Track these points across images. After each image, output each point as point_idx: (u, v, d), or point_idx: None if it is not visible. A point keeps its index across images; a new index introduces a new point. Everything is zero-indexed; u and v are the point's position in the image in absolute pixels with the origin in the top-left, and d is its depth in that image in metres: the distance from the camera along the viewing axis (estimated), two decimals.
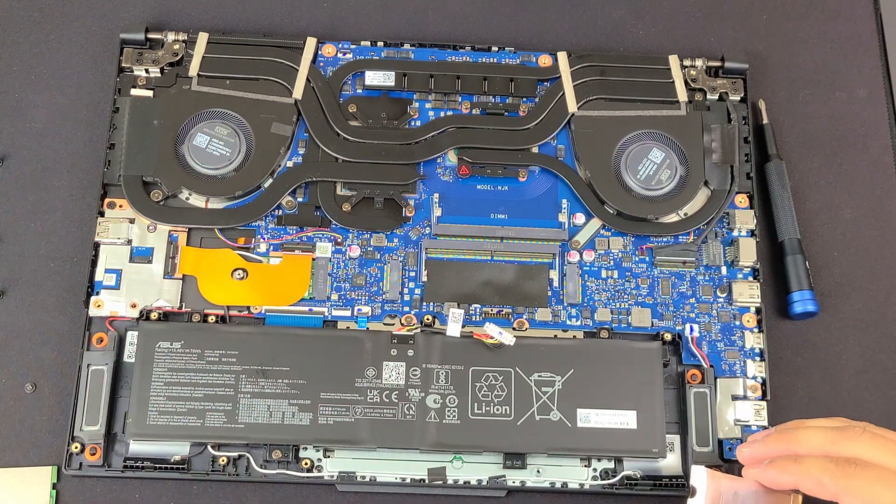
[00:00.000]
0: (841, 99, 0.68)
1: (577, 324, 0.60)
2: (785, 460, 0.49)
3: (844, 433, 0.48)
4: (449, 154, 0.63)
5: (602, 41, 0.69)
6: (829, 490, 0.47)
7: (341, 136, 0.63)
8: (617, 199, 0.62)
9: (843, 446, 0.47)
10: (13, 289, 0.61)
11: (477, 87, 0.64)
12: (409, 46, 0.66)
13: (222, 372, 0.56)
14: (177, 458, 0.56)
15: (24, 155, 0.64)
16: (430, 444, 0.56)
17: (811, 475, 0.47)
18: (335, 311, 0.59)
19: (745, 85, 0.65)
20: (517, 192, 0.63)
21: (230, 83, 0.63)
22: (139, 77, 0.64)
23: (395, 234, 0.61)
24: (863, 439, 0.47)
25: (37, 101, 0.65)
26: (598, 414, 0.56)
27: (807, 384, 0.61)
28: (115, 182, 0.61)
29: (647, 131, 0.63)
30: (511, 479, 0.56)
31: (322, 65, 0.65)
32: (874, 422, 0.59)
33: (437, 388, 0.57)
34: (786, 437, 0.50)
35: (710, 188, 0.63)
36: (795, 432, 0.50)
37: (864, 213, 0.65)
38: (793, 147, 0.66)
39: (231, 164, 0.61)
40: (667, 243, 0.62)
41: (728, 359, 0.59)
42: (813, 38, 0.69)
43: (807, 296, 0.61)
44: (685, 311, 0.60)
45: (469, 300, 0.60)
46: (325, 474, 0.56)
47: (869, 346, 0.62)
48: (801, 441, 0.49)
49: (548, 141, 0.64)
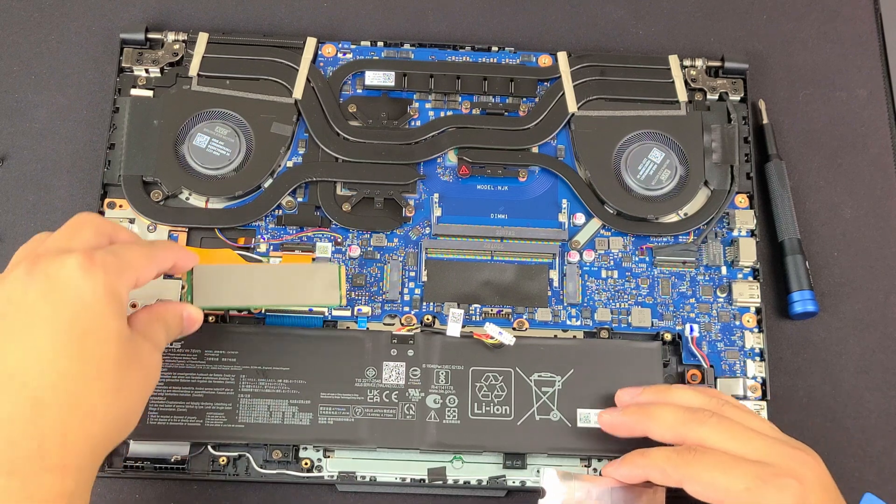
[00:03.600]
0: (841, 99, 0.68)
1: (577, 324, 0.60)
2: (633, 455, 0.51)
3: (694, 415, 0.50)
4: (449, 154, 0.63)
5: (602, 41, 0.69)
6: (672, 478, 0.49)
7: (341, 136, 0.63)
8: (617, 199, 0.62)
9: (689, 428, 0.50)
10: None
11: (477, 87, 0.64)
12: (409, 46, 0.66)
13: (222, 372, 0.56)
14: (177, 458, 0.56)
15: (24, 155, 0.64)
16: (430, 444, 0.56)
17: (656, 466, 0.50)
18: (335, 312, 0.59)
19: (745, 85, 0.65)
20: (517, 192, 0.63)
21: (230, 83, 0.63)
22: (139, 77, 0.64)
23: (395, 234, 0.61)
24: (709, 423, 0.50)
25: (37, 101, 0.65)
26: (598, 414, 0.56)
27: (807, 384, 0.61)
28: (115, 182, 0.61)
29: (647, 131, 0.63)
30: (511, 479, 0.56)
31: (322, 65, 0.65)
32: (874, 422, 0.60)
33: (437, 388, 0.57)
34: (641, 412, 0.53)
35: (710, 188, 0.63)
36: (651, 408, 0.52)
37: (864, 213, 0.65)
38: (793, 147, 0.66)
39: (231, 164, 0.61)
40: (667, 243, 0.62)
41: (728, 359, 0.59)
42: (813, 38, 0.69)
43: (807, 296, 0.61)
44: (685, 311, 0.60)
45: (469, 300, 0.60)
46: (325, 474, 0.56)
47: (869, 346, 0.62)
48: (654, 416, 0.52)
49: (548, 141, 0.64)
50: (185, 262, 0.53)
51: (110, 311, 0.45)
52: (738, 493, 0.47)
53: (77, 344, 0.44)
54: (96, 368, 0.45)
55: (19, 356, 0.44)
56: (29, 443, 0.43)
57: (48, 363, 0.44)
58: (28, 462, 0.42)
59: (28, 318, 0.44)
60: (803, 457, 0.48)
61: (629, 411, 0.54)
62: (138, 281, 0.48)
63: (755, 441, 0.49)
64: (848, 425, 0.60)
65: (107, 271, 0.46)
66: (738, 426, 0.50)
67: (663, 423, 0.51)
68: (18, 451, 0.42)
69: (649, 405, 0.53)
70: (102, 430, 0.45)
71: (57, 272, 0.45)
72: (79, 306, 0.45)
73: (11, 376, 0.43)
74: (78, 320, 0.44)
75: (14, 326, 0.44)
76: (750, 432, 0.50)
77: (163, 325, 0.50)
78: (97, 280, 0.45)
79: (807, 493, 0.47)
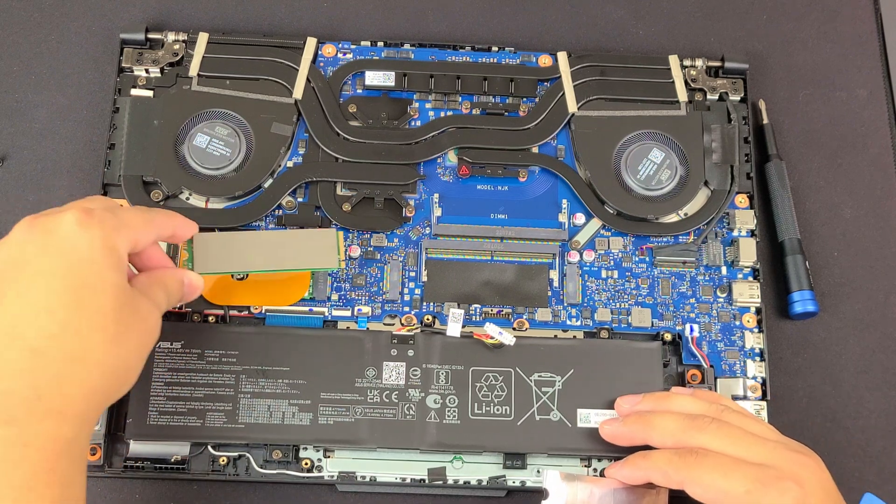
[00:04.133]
0: (841, 99, 0.68)
1: (577, 324, 0.60)
2: (635, 457, 0.52)
3: (694, 423, 0.51)
4: (449, 154, 0.63)
5: (602, 41, 0.69)
6: (674, 480, 0.50)
7: (341, 136, 0.63)
8: (617, 199, 0.62)
9: (689, 436, 0.51)
10: None
11: (477, 87, 0.64)
12: (409, 46, 0.66)
13: (222, 372, 0.56)
14: (177, 458, 0.56)
15: (24, 155, 0.64)
16: (430, 444, 0.56)
17: (658, 468, 0.50)
18: (335, 312, 0.59)
19: (745, 85, 0.65)
20: (517, 192, 0.63)
21: (230, 83, 0.63)
22: (139, 77, 0.64)
23: (395, 234, 0.61)
24: (709, 430, 0.50)
25: (37, 101, 0.65)
26: (598, 414, 0.56)
27: (807, 384, 0.61)
28: (115, 182, 0.61)
29: (647, 131, 0.63)
30: (511, 479, 0.56)
31: (322, 65, 0.65)
32: (874, 422, 0.60)
33: (437, 388, 0.57)
34: (642, 421, 0.53)
35: (710, 188, 0.63)
36: (651, 417, 0.53)
37: (864, 213, 0.65)
38: (793, 147, 0.66)
39: (231, 165, 0.61)
40: (667, 243, 0.62)
41: (728, 359, 0.59)
42: (813, 38, 0.69)
43: (807, 296, 0.61)
44: (685, 312, 0.60)
45: (469, 300, 0.60)
46: (325, 474, 0.56)
47: (869, 346, 0.62)
48: (655, 426, 0.52)
49: (548, 141, 0.64)
50: (185, 231, 0.54)
51: (107, 264, 0.46)
52: (738, 496, 0.47)
53: (74, 295, 0.45)
54: (94, 319, 0.45)
55: (18, 308, 0.44)
56: (27, 392, 0.43)
57: (46, 314, 0.44)
58: (26, 411, 0.43)
59: (27, 272, 0.45)
60: (804, 460, 0.48)
61: (629, 421, 0.54)
62: (137, 242, 0.49)
63: (755, 445, 0.49)
64: (848, 425, 0.60)
65: (103, 226, 0.47)
66: (738, 431, 0.50)
67: (664, 431, 0.52)
68: (16, 400, 0.43)
69: (649, 414, 0.53)
70: (101, 380, 0.46)
71: (55, 227, 0.46)
72: (75, 259, 0.46)
73: (10, 328, 0.44)
74: (75, 273, 0.45)
75: (13, 280, 0.45)
76: (750, 436, 0.50)
77: (163, 287, 0.51)
78: (94, 234, 0.46)
79: (807, 496, 0.47)
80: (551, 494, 0.52)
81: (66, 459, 0.44)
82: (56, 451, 0.43)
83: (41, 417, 0.43)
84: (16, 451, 0.42)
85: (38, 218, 0.47)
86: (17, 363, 0.44)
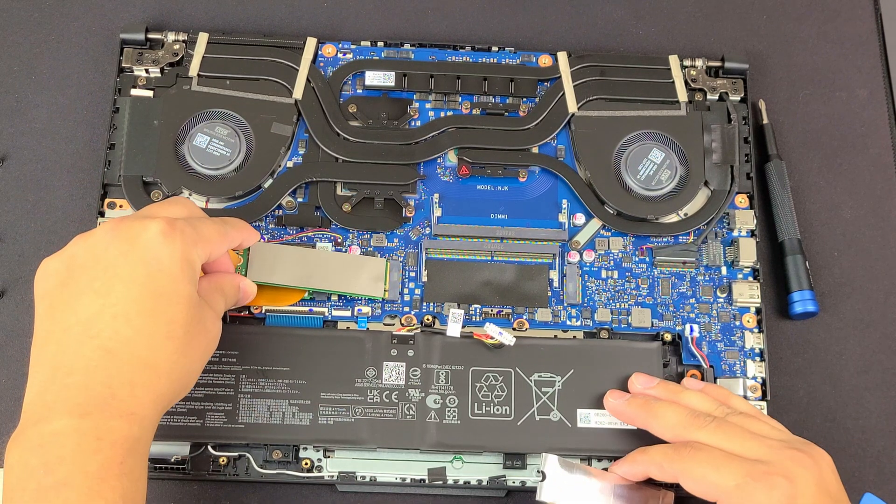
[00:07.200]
0: (841, 99, 0.68)
1: (577, 324, 0.60)
2: (635, 452, 0.53)
3: (695, 420, 0.52)
4: (449, 154, 0.63)
5: (602, 41, 0.69)
6: (669, 473, 0.50)
7: (341, 136, 0.63)
8: (617, 199, 0.62)
9: (687, 432, 0.51)
10: (13, 289, 0.61)
11: (477, 87, 0.64)
12: (409, 46, 0.66)
13: (222, 372, 0.56)
14: (177, 458, 0.56)
15: (24, 155, 0.64)
16: (430, 445, 0.56)
17: (655, 461, 0.51)
18: (335, 312, 0.59)
19: (745, 85, 0.65)
20: (517, 193, 0.63)
21: (230, 83, 0.63)
22: (139, 77, 0.64)
23: (395, 234, 0.61)
24: (707, 429, 0.51)
25: (37, 101, 0.65)
26: (598, 414, 0.56)
27: (807, 384, 0.61)
28: (115, 182, 0.61)
29: (647, 131, 0.63)
30: (511, 479, 0.56)
31: (322, 65, 0.65)
32: (874, 422, 0.60)
33: (437, 388, 0.57)
34: (647, 406, 0.54)
35: (710, 188, 0.63)
36: (656, 405, 0.54)
37: (864, 213, 0.65)
38: (793, 147, 0.66)
39: (231, 165, 0.61)
40: (667, 243, 0.62)
41: (728, 359, 0.59)
42: (813, 38, 0.69)
43: (807, 296, 0.61)
44: (685, 312, 0.60)
45: (469, 300, 0.60)
46: (325, 474, 0.56)
47: (869, 346, 0.62)
48: (658, 416, 0.53)
49: (548, 141, 0.64)
50: (250, 241, 0.56)
51: (184, 277, 0.48)
52: (728, 490, 0.48)
53: (151, 304, 0.47)
54: (167, 329, 0.47)
55: (96, 308, 0.46)
56: (102, 389, 0.45)
57: (123, 318, 0.46)
58: (100, 406, 0.45)
59: (107, 273, 0.47)
60: (801, 458, 0.48)
61: (635, 403, 0.54)
62: (211, 254, 0.51)
63: (751, 442, 0.50)
64: (848, 425, 0.60)
65: (185, 240, 0.48)
66: (737, 429, 0.50)
67: (665, 422, 0.52)
68: (92, 395, 0.45)
69: (656, 401, 0.54)
70: (167, 386, 0.48)
71: (139, 234, 0.48)
72: (156, 268, 0.47)
73: (87, 325, 0.46)
74: (154, 282, 0.47)
75: (93, 279, 0.47)
76: (748, 434, 0.50)
77: (221, 293, 0.53)
78: (175, 246, 0.48)
79: (797, 493, 0.47)
80: (548, 478, 0.53)
81: (134, 457, 0.46)
82: (125, 448, 0.45)
83: (113, 415, 0.45)
84: (91, 443, 0.44)
85: (123, 222, 0.48)
86: (93, 360, 0.45)
